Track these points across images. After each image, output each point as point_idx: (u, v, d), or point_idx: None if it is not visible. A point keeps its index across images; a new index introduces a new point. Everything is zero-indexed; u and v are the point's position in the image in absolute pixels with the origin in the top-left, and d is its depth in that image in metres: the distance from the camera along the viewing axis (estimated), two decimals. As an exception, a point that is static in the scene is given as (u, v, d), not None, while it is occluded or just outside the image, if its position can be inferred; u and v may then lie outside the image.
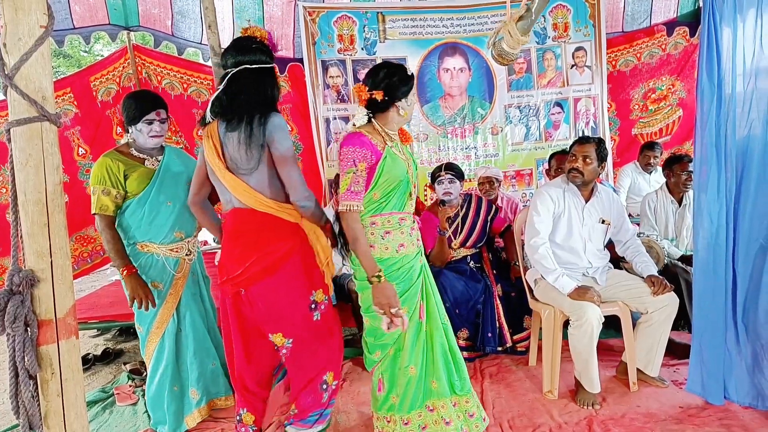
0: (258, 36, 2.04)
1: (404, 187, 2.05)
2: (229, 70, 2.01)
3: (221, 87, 2.02)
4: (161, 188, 2.38)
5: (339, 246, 2.13)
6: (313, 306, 2.11)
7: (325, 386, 2.20)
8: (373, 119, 2.02)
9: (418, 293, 2.10)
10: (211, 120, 2.05)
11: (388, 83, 1.95)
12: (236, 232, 2.05)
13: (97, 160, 2.36)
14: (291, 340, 2.11)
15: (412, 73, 2.04)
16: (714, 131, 2.34)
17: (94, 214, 2.35)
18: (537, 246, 2.66)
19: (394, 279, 2.00)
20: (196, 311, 2.56)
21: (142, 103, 2.36)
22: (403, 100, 1.99)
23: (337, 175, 3.93)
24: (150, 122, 2.35)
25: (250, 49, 2.00)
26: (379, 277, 1.93)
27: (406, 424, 2.14)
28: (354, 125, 2.00)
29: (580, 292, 2.54)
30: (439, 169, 3.28)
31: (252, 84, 1.99)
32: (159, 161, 2.43)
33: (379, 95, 1.95)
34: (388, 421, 2.17)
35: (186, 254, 2.51)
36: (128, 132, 2.39)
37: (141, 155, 2.40)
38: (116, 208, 2.36)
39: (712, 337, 2.41)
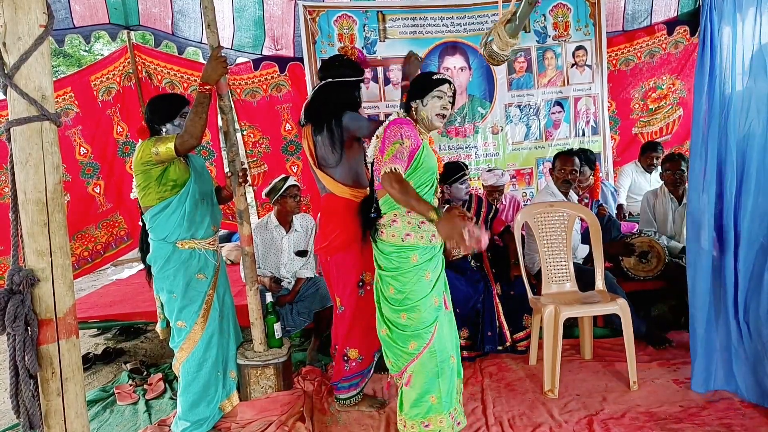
0: (348, 54, 2.56)
1: (433, 182, 2.18)
2: (318, 83, 2.54)
3: (309, 97, 2.56)
4: (196, 185, 2.49)
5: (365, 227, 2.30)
6: (360, 284, 2.53)
7: (346, 359, 2.58)
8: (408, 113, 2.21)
9: (443, 283, 2.23)
10: (304, 124, 2.56)
11: (410, 88, 2.21)
12: (327, 212, 2.58)
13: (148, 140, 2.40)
14: (343, 308, 2.57)
15: (434, 77, 2.17)
16: (716, 130, 2.34)
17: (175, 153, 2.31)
18: None
19: (428, 267, 2.13)
20: (230, 295, 2.72)
21: (177, 100, 2.53)
22: (418, 101, 2.15)
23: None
24: (185, 116, 2.45)
25: (333, 66, 2.52)
26: (436, 210, 1.92)
27: (452, 417, 2.19)
28: (398, 113, 2.20)
29: None
30: (459, 168, 3.27)
31: (331, 94, 2.46)
32: (187, 161, 2.53)
33: (404, 97, 2.23)
34: (426, 426, 2.14)
35: (219, 245, 2.65)
36: (160, 132, 2.47)
37: None
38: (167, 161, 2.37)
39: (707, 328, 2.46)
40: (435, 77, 2.16)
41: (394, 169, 1.99)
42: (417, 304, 2.10)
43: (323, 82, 2.51)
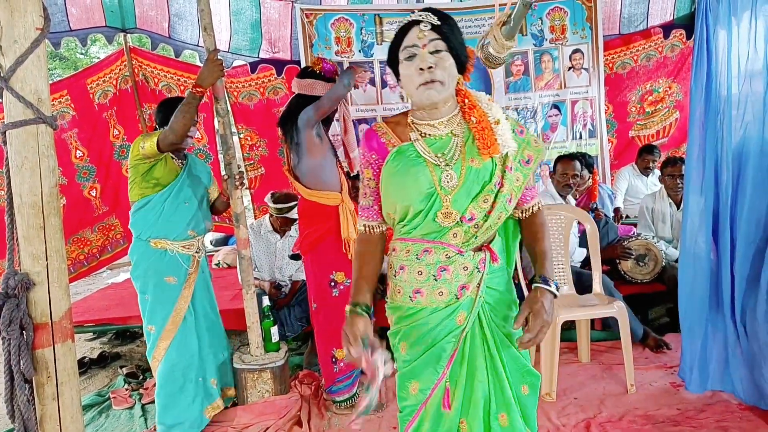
0: (314, 66, 2.69)
1: (426, 206, 1.32)
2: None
3: (284, 109, 2.70)
4: (182, 189, 2.49)
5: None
6: (332, 284, 2.61)
7: (334, 360, 2.63)
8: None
9: (441, 364, 1.37)
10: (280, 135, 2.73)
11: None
12: (301, 214, 2.75)
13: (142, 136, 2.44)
14: (315, 306, 2.68)
15: (397, 32, 1.39)
16: (711, 133, 2.35)
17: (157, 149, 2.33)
18: None
19: (403, 337, 1.42)
20: (208, 303, 2.67)
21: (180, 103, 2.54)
22: (399, 79, 1.40)
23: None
24: None
25: (301, 76, 2.66)
26: (354, 307, 1.41)
27: None
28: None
29: None
30: None
31: (295, 103, 2.61)
32: (183, 163, 2.54)
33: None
34: None
35: (196, 251, 2.59)
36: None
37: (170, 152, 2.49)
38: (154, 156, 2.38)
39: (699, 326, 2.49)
40: (398, 30, 1.38)
41: (360, 226, 1.48)
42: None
43: (295, 94, 2.67)
